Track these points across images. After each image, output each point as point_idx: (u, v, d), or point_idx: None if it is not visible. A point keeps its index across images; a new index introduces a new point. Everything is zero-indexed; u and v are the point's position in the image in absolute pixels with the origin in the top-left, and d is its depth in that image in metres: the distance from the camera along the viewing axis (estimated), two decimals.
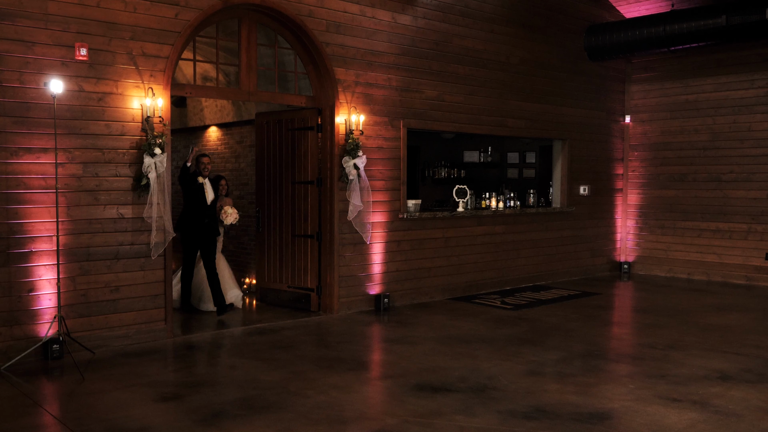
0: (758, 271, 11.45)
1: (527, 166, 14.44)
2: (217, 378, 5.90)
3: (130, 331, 6.98)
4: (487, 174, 14.36)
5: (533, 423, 4.87)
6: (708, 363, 6.49)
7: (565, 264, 11.99)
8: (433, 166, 13.82)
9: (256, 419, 4.89)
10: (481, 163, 14.15)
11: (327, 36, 8.44)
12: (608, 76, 12.63)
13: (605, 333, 7.71)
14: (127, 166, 6.92)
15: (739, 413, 5.11)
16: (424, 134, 12.24)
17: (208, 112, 11.08)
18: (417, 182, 13.74)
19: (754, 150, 11.44)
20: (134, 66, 6.93)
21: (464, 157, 14.26)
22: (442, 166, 13.83)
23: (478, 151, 14.11)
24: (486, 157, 14.15)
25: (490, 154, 14.11)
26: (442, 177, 13.75)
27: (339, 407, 5.16)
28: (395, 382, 5.82)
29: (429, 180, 13.83)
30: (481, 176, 14.15)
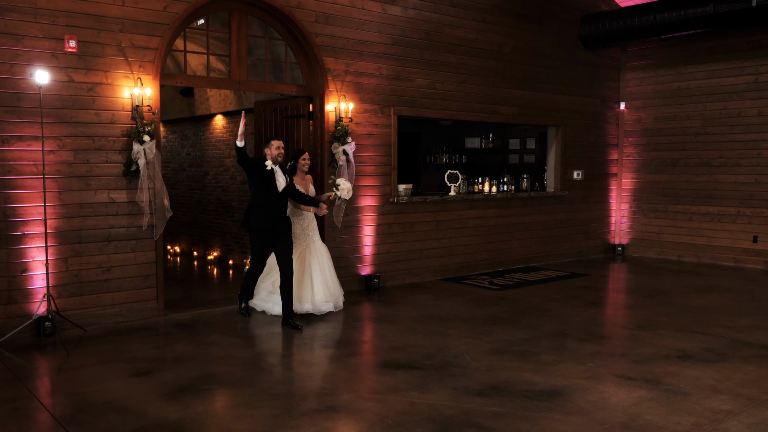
0: (746, 254, 11.13)
1: (527, 152, 14.16)
2: (194, 354, 5.85)
3: (122, 309, 6.97)
4: (488, 159, 14.12)
5: (483, 399, 4.74)
6: (673, 343, 6.29)
7: (558, 246, 11.78)
8: (435, 152, 13.64)
9: (217, 394, 4.83)
10: (482, 149, 13.93)
11: (316, 27, 8.30)
12: (603, 65, 12.31)
13: (581, 313, 7.51)
14: (118, 153, 6.89)
15: (688, 392, 4.92)
16: (424, 121, 12.07)
17: (213, 101, 11.03)
18: (418, 168, 13.59)
19: (743, 135, 11.08)
20: (124, 57, 6.87)
21: (465, 144, 14.07)
22: (443, 152, 13.63)
23: (479, 138, 13.89)
24: (487, 144, 13.92)
25: (491, 141, 13.87)
26: (443, 163, 13.56)
27: (301, 383, 5.08)
28: (363, 359, 5.73)
29: (431, 166, 13.65)
30: (482, 162, 13.94)
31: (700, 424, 4.30)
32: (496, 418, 4.40)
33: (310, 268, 7.38)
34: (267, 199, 6.84)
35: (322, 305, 7.35)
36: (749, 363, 5.66)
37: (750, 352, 6.00)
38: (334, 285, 7.58)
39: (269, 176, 6.83)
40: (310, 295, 7.30)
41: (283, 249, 6.93)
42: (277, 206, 6.90)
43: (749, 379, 5.22)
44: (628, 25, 10.99)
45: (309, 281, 7.35)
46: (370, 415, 4.41)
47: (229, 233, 11.13)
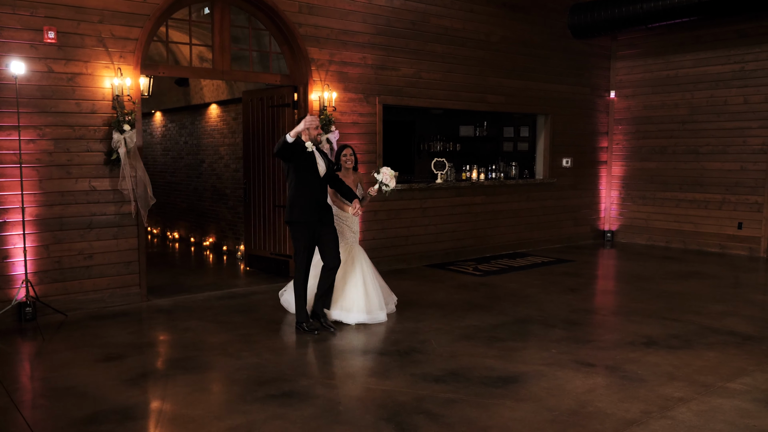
0: (731, 240, 10.92)
1: (521, 139, 13.96)
2: (167, 340, 5.80)
3: (104, 295, 6.93)
4: (482, 147, 13.95)
5: (439, 386, 4.64)
6: (641, 329, 6.16)
7: (547, 232, 11.63)
8: (428, 141, 13.48)
9: (179, 379, 4.77)
10: (476, 137, 13.75)
11: (300, 17, 8.16)
12: (593, 53, 12.08)
13: (557, 299, 7.39)
14: (99, 142, 6.82)
15: (644, 378, 4.80)
16: (418, 109, 11.91)
17: (206, 91, 10.95)
18: (412, 156, 13.45)
19: (729, 123, 10.84)
20: (104, 48, 6.78)
21: (460, 132, 13.89)
22: (437, 140, 13.47)
23: (474, 126, 13.72)
24: (481, 132, 13.74)
25: (485, 129, 13.69)
26: (437, 151, 13.40)
27: (264, 369, 5.01)
28: (330, 344, 5.65)
29: (425, 154, 13.50)
30: (476, 149, 13.76)
31: (648, 411, 4.19)
32: (448, 404, 4.31)
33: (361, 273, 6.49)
34: (309, 184, 5.90)
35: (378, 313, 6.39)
36: (712, 350, 5.52)
37: (715, 338, 5.86)
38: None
39: (310, 159, 5.91)
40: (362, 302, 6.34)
41: (331, 239, 6.04)
42: (321, 193, 6.01)
43: (708, 366, 5.09)
44: (617, 14, 10.75)
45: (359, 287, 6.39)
46: (322, 401, 4.34)
47: (223, 220, 11.08)
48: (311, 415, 4.09)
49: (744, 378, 4.82)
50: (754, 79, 10.50)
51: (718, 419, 4.07)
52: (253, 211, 9.17)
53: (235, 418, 4.05)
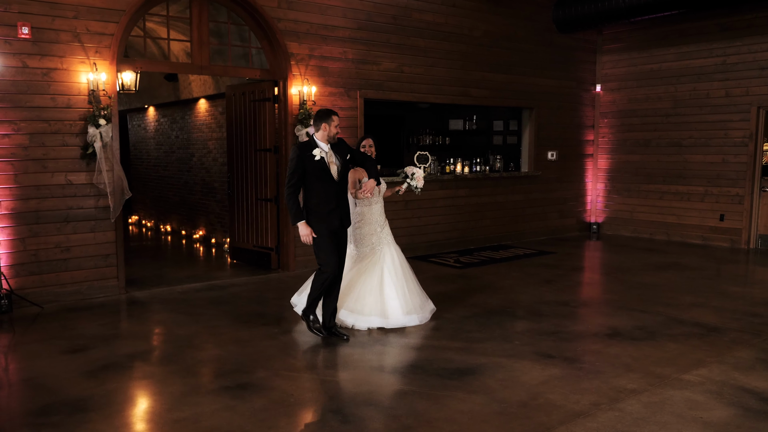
0: (713, 232, 10.80)
1: (510, 133, 13.84)
2: (136, 331, 5.75)
3: (81, 287, 6.88)
4: (472, 141, 13.82)
5: (395, 377, 4.58)
6: (608, 320, 6.07)
7: (532, 225, 11.52)
8: (418, 134, 13.37)
9: (138, 371, 4.72)
10: (466, 131, 13.62)
11: (279, 12, 8.07)
12: (579, 47, 11.93)
13: (532, 291, 7.30)
14: (75, 136, 6.75)
15: (601, 370, 4.71)
16: (406, 104, 11.78)
17: (194, 86, 10.87)
18: (402, 149, 13.34)
19: (712, 116, 10.69)
20: (79, 43, 6.71)
21: (449, 125, 13.76)
22: (426, 133, 13.35)
23: (463, 120, 13.58)
24: (471, 125, 13.61)
25: (475, 122, 13.57)
26: (426, 144, 13.28)
27: (225, 361, 4.95)
28: (295, 337, 5.58)
29: (414, 147, 13.35)
30: (465, 143, 13.63)
31: (597, 403, 4.10)
32: (399, 396, 4.24)
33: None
34: (324, 191, 5.29)
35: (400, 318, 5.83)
36: (674, 341, 5.43)
37: (680, 330, 5.76)
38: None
39: (320, 165, 5.26)
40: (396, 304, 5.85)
41: (345, 247, 5.64)
42: (338, 197, 5.37)
43: (667, 358, 5.00)
44: (600, 8, 10.58)
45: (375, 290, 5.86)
46: (276, 393, 4.27)
47: (212, 213, 11.03)
48: (261, 407, 4.03)
49: (700, 370, 4.72)
50: (735, 72, 10.34)
51: (666, 411, 3.98)
52: (237, 204, 9.12)
53: (183, 410, 3.99)
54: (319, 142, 5.30)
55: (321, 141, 5.30)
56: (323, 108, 5.47)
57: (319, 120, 5.31)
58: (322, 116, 5.32)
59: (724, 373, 4.66)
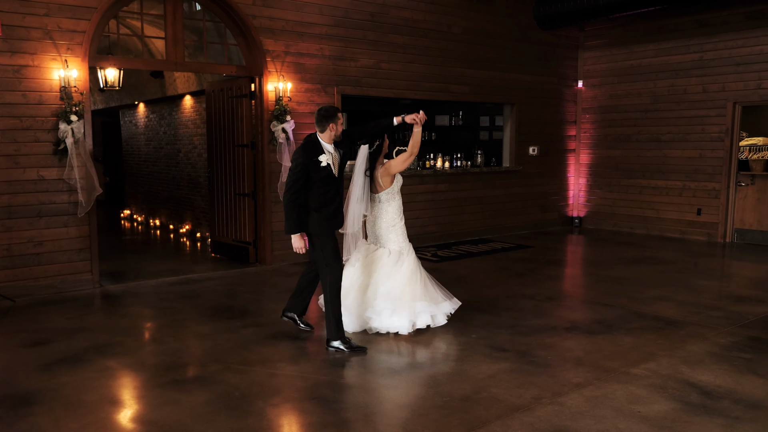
0: (691, 226, 10.70)
1: (496, 128, 13.75)
2: (101, 325, 5.70)
3: (55, 281, 6.85)
4: (458, 136, 13.73)
5: (345, 371, 4.52)
6: (569, 314, 6.01)
7: (513, 219, 11.44)
8: (403, 130, 13.28)
9: (94, 365, 4.66)
10: (452, 127, 13.53)
11: (254, 9, 7.99)
12: (561, 44, 11.81)
13: (501, 284, 7.23)
14: (47, 132, 6.70)
15: (551, 364, 4.65)
16: (390, 100, 11.71)
17: (179, 83, 10.81)
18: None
19: (689, 112, 10.59)
20: (51, 40, 6.65)
21: (435, 121, 13.67)
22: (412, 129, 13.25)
23: (449, 115, 13.49)
24: (457, 121, 13.52)
25: (461, 118, 13.47)
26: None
27: (181, 354, 4.90)
28: (255, 330, 5.52)
29: (400, 143, 13.26)
30: (452, 139, 13.53)
31: (539, 397, 4.04)
32: (344, 390, 4.19)
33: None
34: (332, 192, 4.99)
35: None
36: (630, 335, 5.36)
37: (638, 323, 5.69)
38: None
39: (326, 172, 4.92)
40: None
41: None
42: (340, 194, 5.11)
43: (619, 351, 4.93)
44: (580, 6, 10.48)
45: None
46: (223, 387, 4.22)
47: (198, 208, 10.98)
48: (204, 402, 3.98)
49: (649, 363, 4.66)
50: (712, 68, 10.22)
51: (606, 405, 3.92)
52: (217, 199, 9.07)
53: (127, 404, 3.95)
54: (324, 144, 4.91)
55: (326, 142, 4.92)
56: (328, 105, 5.04)
57: (326, 120, 4.88)
58: (328, 116, 4.88)
59: (672, 366, 4.59)
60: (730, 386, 4.23)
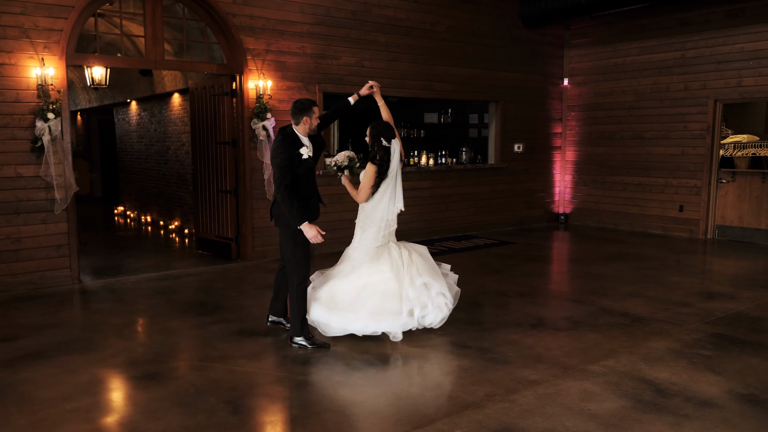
0: (673, 222, 10.61)
1: (485, 126, 13.65)
2: (70, 321, 5.65)
3: (34, 277, 6.81)
4: (447, 134, 13.64)
5: (304, 368, 4.46)
6: (538, 310, 5.93)
7: (498, 215, 11.36)
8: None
9: (55, 360, 4.61)
10: (441, 124, 13.44)
11: (234, 8, 7.92)
12: (546, 42, 11.71)
13: (475, 281, 7.16)
14: (24, 130, 6.65)
15: (510, 361, 4.58)
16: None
17: (167, 80, 10.75)
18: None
19: (671, 109, 10.48)
20: (28, 39, 6.60)
21: (424, 119, 13.58)
22: (401, 126, 13.19)
23: (438, 113, 13.40)
24: (446, 118, 13.43)
25: (450, 116, 13.39)
26: (402, 137, 13.12)
27: (145, 350, 4.85)
28: (223, 327, 5.46)
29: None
30: (441, 136, 13.45)
31: (492, 394, 3.98)
32: (298, 386, 4.13)
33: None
34: (309, 184, 4.91)
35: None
36: (595, 331, 5.29)
37: (605, 320, 5.61)
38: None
39: (307, 165, 4.84)
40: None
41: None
42: (316, 188, 5.08)
43: (581, 348, 4.86)
44: (562, 5, 10.36)
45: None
46: (179, 383, 4.17)
47: (186, 204, 10.93)
48: (158, 398, 3.93)
49: (608, 360, 4.59)
50: (694, 66, 10.11)
51: (557, 402, 3.85)
52: (201, 196, 9.02)
53: (82, 400, 3.90)
54: (301, 137, 4.79)
55: (302, 135, 4.80)
56: (303, 99, 4.87)
57: (300, 113, 4.75)
58: (303, 109, 4.76)
59: (631, 363, 4.52)
60: (685, 384, 4.16)
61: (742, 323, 5.52)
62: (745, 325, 5.48)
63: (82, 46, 7.70)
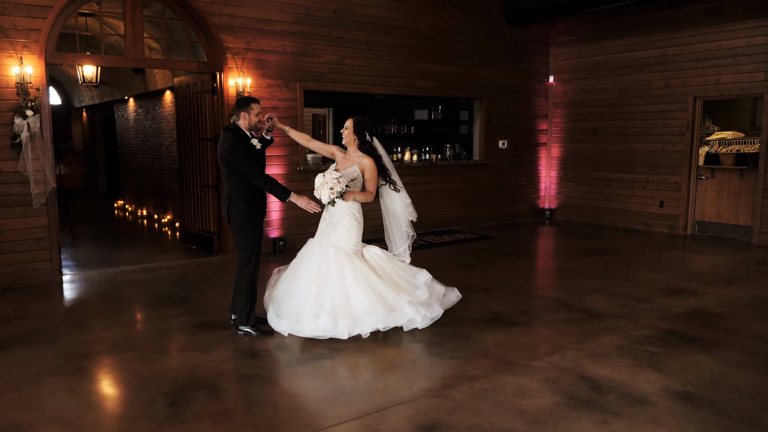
0: (654, 218, 10.45)
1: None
2: (39, 312, 5.63)
3: (14, 269, 6.82)
4: (438, 130, 13.52)
5: (252, 361, 4.41)
6: (497, 305, 5.85)
7: (482, 210, 11.26)
8: (382, 124, 13.10)
9: (9, 352, 4.58)
10: (431, 121, 13.30)
11: (213, 7, 7.87)
12: (532, 41, 11.56)
13: (445, 275, 7.03)
14: (4, 126, 6.64)
15: (457, 356, 4.49)
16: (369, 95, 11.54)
17: (158, 78, 10.73)
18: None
19: (652, 106, 10.31)
20: (7, 38, 6.58)
21: (414, 115, 13.47)
22: (391, 123, 13.09)
23: (428, 110, 13.28)
24: (436, 115, 13.31)
25: (440, 113, 13.26)
26: (391, 134, 13.01)
27: (101, 342, 4.82)
28: (185, 319, 5.43)
29: (378, 136, 13.07)
30: (431, 133, 13.32)
31: (428, 389, 3.91)
32: (241, 379, 4.09)
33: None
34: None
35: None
36: (549, 327, 5.20)
37: (562, 315, 5.52)
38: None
39: (259, 156, 4.87)
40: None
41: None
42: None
43: (529, 344, 4.78)
44: (545, 3, 10.20)
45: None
46: (125, 375, 4.15)
47: (177, 199, 10.88)
48: (99, 389, 3.90)
49: (554, 356, 4.50)
50: (674, 63, 9.93)
51: (490, 398, 3.78)
52: (186, 191, 8.99)
53: (24, 391, 3.88)
54: (245, 132, 4.80)
55: (245, 129, 4.81)
56: (244, 96, 4.87)
57: (238, 108, 4.79)
58: (239, 105, 4.80)
59: (575, 360, 4.43)
60: (623, 381, 4.07)
61: (698, 320, 5.41)
62: (701, 321, 5.37)
63: (71, 45, 7.68)
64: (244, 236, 4.89)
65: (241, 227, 4.88)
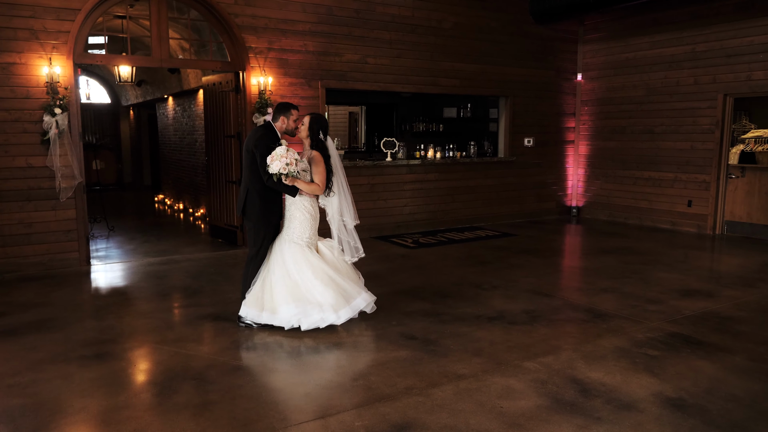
0: (681, 217, 10.02)
1: None
2: (58, 301, 5.74)
3: (44, 259, 7.00)
4: (468, 128, 13.32)
5: (247, 354, 4.39)
6: (503, 303, 5.67)
7: (508, 208, 11.01)
8: (412, 122, 12.99)
9: (24, 338, 4.69)
10: (460, 118, 13.14)
11: (236, 8, 7.89)
12: (559, 38, 11.22)
13: (457, 272, 6.92)
14: (34, 124, 6.81)
15: (449, 354, 4.36)
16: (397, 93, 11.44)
17: (191, 77, 10.85)
18: (394, 136, 12.97)
19: (681, 104, 9.87)
20: (37, 40, 6.74)
21: (444, 113, 13.31)
22: (419, 121, 12.97)
23: (457, 108, 13.11)
24: (465, 113, 13.13)
25: (469, 110, 13.07)
26: (420, 131, 12.91)
27: (109, 331, 4.88)
28: (192, 310, 5.45)
29: (407, 134, 13.00)
30: (460, 130, 13.15)
31: (411, 388, 3.80)
32: (230, 372, 4.05)
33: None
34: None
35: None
36: (550, 327, 5.01)
37: (567, 315, 5.31)
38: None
39: None
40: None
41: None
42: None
43: (526, 344, 4.60)
44: (573, 1, 9.87)
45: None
46: (122, 364, 4.17)
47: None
48: (93, 378, 3.94)
49: (548, 357, 4.32)
50: (704, 60, 9.48)
51: (472, 399, 3.64)
52: (213, 186, 9.08)
53: (24, 376, 3.95)
54: (278, 134, 4.90)
55: (279, 131, 4.92)
56: (285, 102, 4.92)
57: (277, 112, 4.90)
58: (279, 109, 4.90)
59: (569, 361, 4.24)
60: (615, 385, 3.87)
61: (708, 323, 5.12)
62: (710, 325, 5.08)
63: (114, 46, 7.81)
64: (255, 229, 4.99)
65: (255, 220, 4.95)
